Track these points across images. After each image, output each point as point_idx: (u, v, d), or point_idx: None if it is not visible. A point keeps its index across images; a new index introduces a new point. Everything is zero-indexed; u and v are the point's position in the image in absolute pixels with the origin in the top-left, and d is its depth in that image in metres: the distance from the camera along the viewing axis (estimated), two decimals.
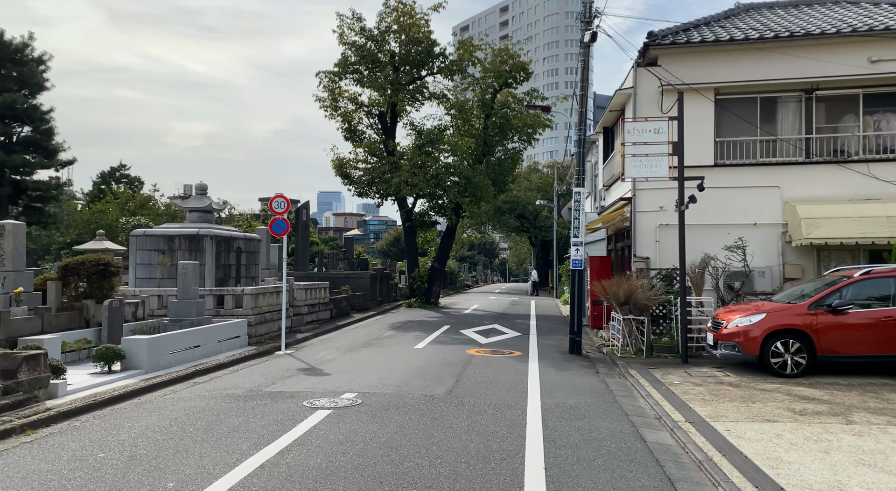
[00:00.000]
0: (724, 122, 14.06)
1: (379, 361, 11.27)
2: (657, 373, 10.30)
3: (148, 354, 9.38)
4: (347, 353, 12.35)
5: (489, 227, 53.02)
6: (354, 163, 23.63)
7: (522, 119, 25.48)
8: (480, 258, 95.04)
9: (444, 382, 9.28)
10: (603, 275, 16.11)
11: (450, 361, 11.34)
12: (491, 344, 13.98)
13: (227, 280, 15.28)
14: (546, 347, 13.57)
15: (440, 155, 23.23)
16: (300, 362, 11.09)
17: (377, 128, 24.74)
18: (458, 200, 24.12)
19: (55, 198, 35.85)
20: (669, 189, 14.07)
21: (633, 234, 14.36)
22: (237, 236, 15.95)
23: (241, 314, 13.18)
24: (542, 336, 15.85)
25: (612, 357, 12.11)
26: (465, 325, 18.23)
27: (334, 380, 9.27)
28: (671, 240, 14.00)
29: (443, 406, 7.63)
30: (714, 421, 7.12)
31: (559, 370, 10.67)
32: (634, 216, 14.36)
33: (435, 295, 26.42)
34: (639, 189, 14.34)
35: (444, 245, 27.02)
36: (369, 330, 16.73)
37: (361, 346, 13.42)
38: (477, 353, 12.45)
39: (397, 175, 21.76)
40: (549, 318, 21.84)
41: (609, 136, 18.29)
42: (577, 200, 12.83)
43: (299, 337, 14.50)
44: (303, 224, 24.67)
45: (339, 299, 19.66)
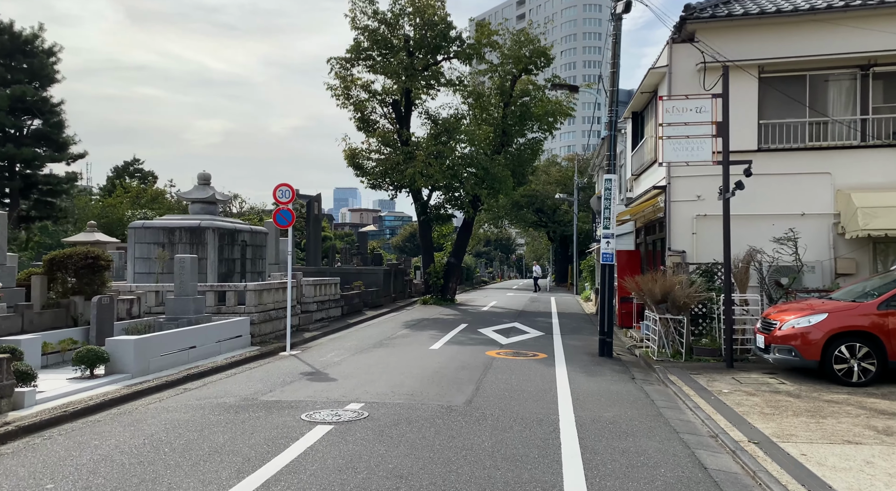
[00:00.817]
0: (768, 102, 12.83)
1: (391, 363, 10.27)
2: (701, 379, 9.18)
3: (135, 356, 8.47)
4: (357, 354, 11.38)
5: (506, 222, 51.80)
6: (367, 153, 22.66)
7: (543, 107, 24.33)
8: (497, 254, 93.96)
9: (463, 389, 8.25)
10: (630, 270, 14.97)
11: (468, 364, 10.31)
12: (512, 345, 12.93)
13: (231, 275, 14.39)
14: (573, 349, 12.49)
15: (457, 145, 22.15)
16: (305, 365, 10.13)
17: (391, 117, 23.74)
18: (475, 192, 23.04)
19: (66, 192, 35.37)
20: (708, 176, 12.91)
21: (668, 226, 13.20)
22: (242, 229, 15.04)
23: (243, 312, 12.27)
24: (567, 336, 14.76)
25: (646, 360, 11.00)
26: (484, 323, 17.19)
27: (340, 386, 8.29)
28: (710, 232, 12.85)
29: (462, 420, 6.60)
30: (783, 441, 6.01)
31: (590, 376, 9.59)
32: (669, 206, 13.19)
33: (451, 292, 25.41)
34: (674, 177, 13.17)
35: (461, 240, 25.97)
36: (382, 328, 15.76)
37: (372, 346, 12.44)
38: (498, 355, 11.41)
39: (412, 166, 20.73)
40: (572, 316, 20.72)
41: (638, 122, 17.10)
42: (607, 188, 11.71)
43: (307, 336, 13.57)
44: (314, 218, 23.77)
45: (351, 296, 18.72)
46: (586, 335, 15.17)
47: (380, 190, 23.12)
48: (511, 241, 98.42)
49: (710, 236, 12.88)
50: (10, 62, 32.07)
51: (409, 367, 9.94)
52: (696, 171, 12.97)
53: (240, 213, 37.50)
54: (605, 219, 11.70)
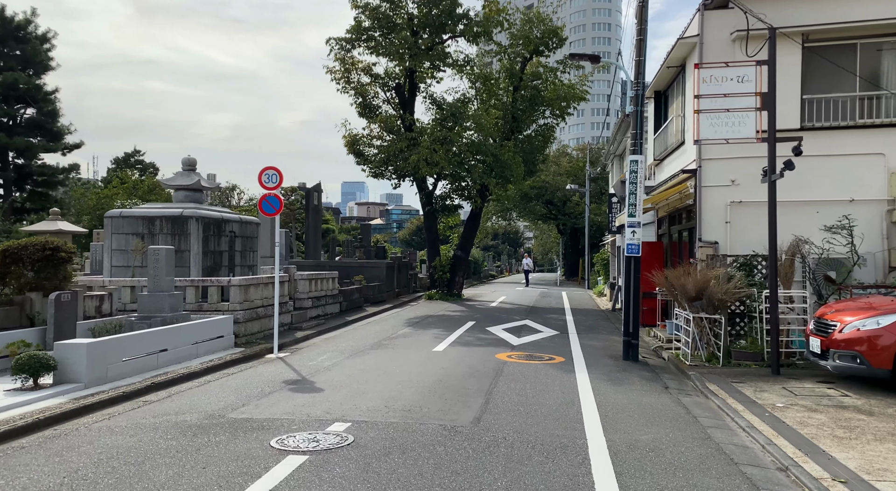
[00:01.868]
0: (813, 75, 11.45)
1: (388, 369, 9.04)
2: (746, 389, 7.90)
3: (89, 362, 7.28)
4: (351, 357, 10.15)
5: (515, 214, 50.40)
6: (368, 139, 21.37)
7: (555, 91, 22.98)
8: (505, 247, 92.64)
9: (470, 403, 7.01)
10: (653, 263, 13.64)
11: (476, 370, 9.07)
12: (525, 346, 11.67)
13: (217, 269, 13.19)
14: (592, 351, 11.22)
15: (464, 131, 20.83)
16: (290, 371, 8.92)
17: (394, 102, 22.45)
18: (483, 182, 21.73)
19: (61, 183, 34.36)
20: (744, 158, 11.58)
21: (698, 214, 11.86)
22: (230, 219, 13.83)
23: (227, 309, 11.07)
24: (584, 335, 13.48)
25: (678, 365, 9.72)
26: (492, 320, 15.94)
27: (325, 400, 7.06)
28: (746, 220, 11.53)
29: (468, 447, 5.36)
30: (877, 479, 4.73)
31: (617, 385, 8.32)
32: (700, 192, 11.86)
33: (458, 286, 24.16)
34: (706, 159, 11.83)
35: (468, 231, 24.70)
36: (382, 327, 14.53)
37: (370, 347, 11.22)
38: (509, 358, 10.16)
39: (416, 152, 19.44)
40: (586, 312, 19.42)
41: (661, 103, 15.73)
42: (633, 171, 10.39)
43: (299, 335, 12.36)
44: (314, 208, 22.56)
45: (351, 291, 17.51)
46: (605, 334, 13.89)
47: (382, 178, 21.88)
48: (519, 234, 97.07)
49: (746, 225, 11.57)
50: (3, 48, 31.00)
51: (409, 373, 8.70)
52: (729, 152, 11.64)
53: (238, 205, 36.35)
54: (632, 205, 10.39)
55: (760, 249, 10.66)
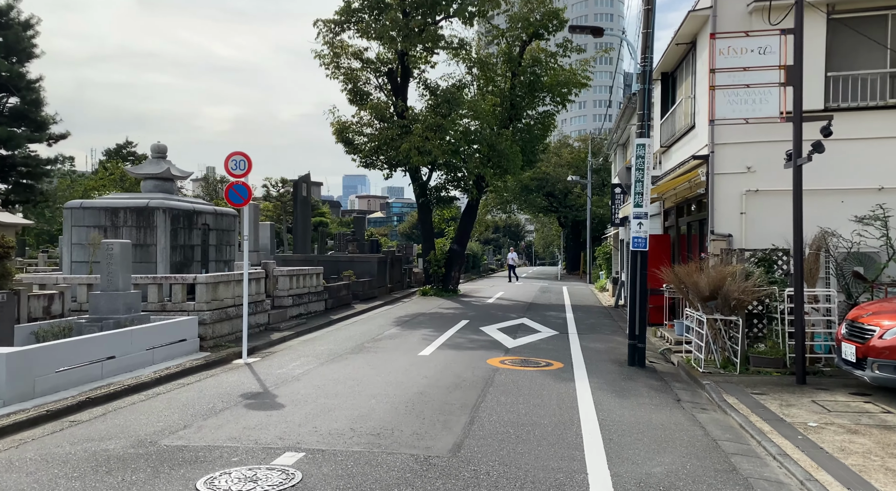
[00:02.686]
0: (838, 49, 10.38)
1: (364, 378, 8.04)
2: (770, 402, 6.89)
3: (9, 375, 6.28)
4: (327, 363, 9.15)
5: (514, 206, 49.33)
6: (358, 127, 20.28)
7: (555, 77, 21.87)
8: (506, 241, 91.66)
9: (451, 423, 6.00)
10: (659, 258, 12.62)
11: (463, 379, 8.06)
12: (520, 349, 10.66)
13: (188, 265, 12.19)
14: (594, 355, 10.21)
15: (459, 118, 19.73)
16: (253, 381, 7.92)
17: (386, 89, 21.35)
18: (479, 172, 20.65)
19: (47, 174, 33.35)
20: (761, 143, 10.54)
21: (710, 205, 10.82)
22: (203, 210, 12.81)
23: (192, 310, 10.07)
24: (585, 335, 12.47)
25: (689, 372, 8.70)
26: (488, 319, 14.93)
27: (283, 420, 6.06)
28: (763, 211, 10.50)
29: (442, 488, 4.35)
30: None
31: (621, 397, 7.31)
32: (712, 180, 10.81)
33: (454, 281, 23.14)
34: (719, 144, 10.77)
35: (465, 224, 23.66)
36: (368, 326, 13.53)
37: (350, 351, 10.22)
38: (502, 364, 9.15)
39: (407, 140, 18.37)
40: (588, 309, 18.41)
41: (669, 85, 14.65)
42: (640, 156, 9.34)
43: (275, 337, 11.37)
44: (302, 200, 21.51)
45: (338, 287, 16.51)
46: (607, 334, 12.88)
47: (374, 168, 20.82)
48: (520, 227, 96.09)
49: (764, 216, 10.54)
50: None
51: (387, 384, 7.70)
52: (745, 135, 10.60)
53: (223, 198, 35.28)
54: (638, 194, 9.34)
55: (780, 242, 9.65)
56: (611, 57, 31.34)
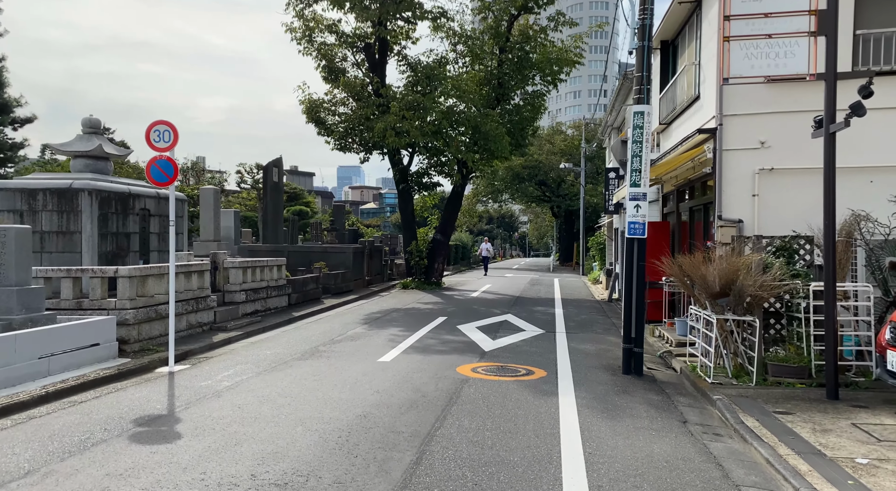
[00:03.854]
0: (869, 5, 8.92)
1: (301, 394, 6.59)
2: (801, 427, 5.49)
3: None
4: (265, 372, 7.69)
5: (506, 195, 47.84)
6: (331, 105, 18.70)
7: (545, 54, 20.31)
8: (499, 232, 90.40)
9: (391, 464, 4.55)
10: (657, 248, 11.19)
11: (423, 394, 6.62)
12: (498, 352, 9.22)
13: (122, 255, 10.69)
14: (583, 359, 8.79)
15: (441, 96, 18.18)
16: (162, 398, 6.46)
17: (364, 67, 19.77)
18: (463, 156, 19.14)
19: (11, 160, 31.63)
20: (777, 114, 9.12)
21: (718, 186, 9.39)
22: (142, 193, 11.29)
23: (114, 307, 8.57)
24: (575, 335, 11.06)
25: (695, 382, 7.29)
26: (468, 315, 13.50)
27: (167, 459, 4.60)
28: (779, 192, 9.09)
29: None
30: None
31: (615, 418, 5.89)
32: (720, 157, 9.37)
33: (437, 273, 21.68)
34: (728, 115, 9.32)
35: (449, 213, 22.17)
36: (332, 325, 12.07)
37: (299, 357, 8.76)
38: (474, 373, 7.71)
39: (382, 120, 16.84)
40: (579, 304, 17.01)
41: (669, 55, 13.17)
42: (638, 126, 7.87)
43: (218, 339, 9.90)
44: (273, 186, 19.96)
45: (304, 281, 15.02)
46: (600, 334, 11.47)
47: (349, 152, 19.27)
48: (514, 218, 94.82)
49: (780, 198, 9.13)
50: None
51: (326, 403, 6.25)
52: (758, 105, 9.19)
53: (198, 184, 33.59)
54: (635, 172, 7.88)
55: (801, 227, 8.25)
56: (604, 46, 29.82)
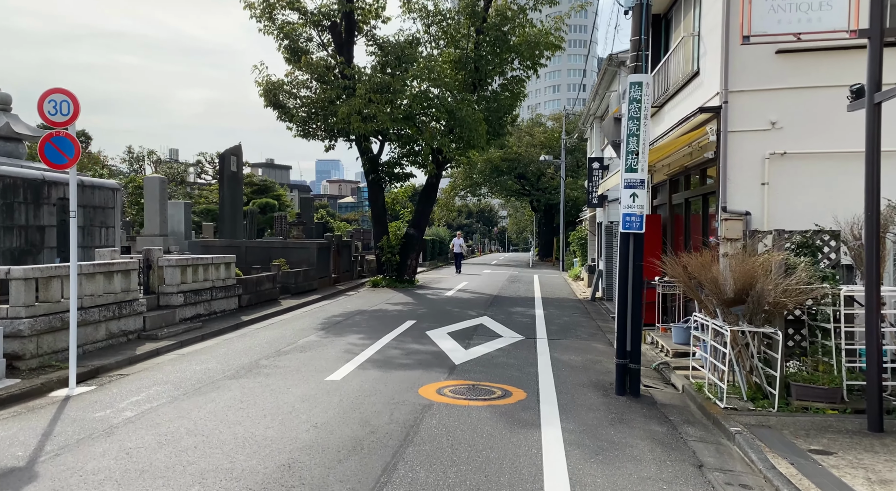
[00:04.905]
0: None
1: (214, 432, 5.20)
2: (849, 474, 4.29)
3: None
4: (183, 397, 6.29)
5: (485, 189, 46.61)
6: (292, 88, 17.18)
7: (524, 36, 19.02)
8: (479, 227, 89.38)
9: None
10: (649, 245, 9.95)
11: (373, 429, 5.28)
12: (471, 365, 7.91)
13: (33, 252, 9.18)
14: (569, 374, 7.52)
15: (411, 78, 16.76)
16: (32, 439, 5.03)
17: (330, 48, 18.25)
18: (438, 144, 17.77)
19: None
20: (790, 90, 7.97)
21: (722, 173, 8.18)
22: (56, 180, 9.75)
23: (4, 316, 7.08)
24: (557, 342, 9.80)
25: (703, 406, 6.06)
26: (440, 318, 12.18)
27: None
28: (794, 180, 7.93)
29: None
30: None
31: (612, 462, 4.62)
32: (724, 140, 8.16)
33: (410, 270, 20.32)
34: (734, 91, 8.11)
35: (423, 205, 20.80)
36: (283, 331, 10.65)
37: (232, 374, 7.35)
38: (439, 395, 6.40)
39: (348, 103, 15.39)
40: (561, 303, 15.79)
41: (660, 31, 11.94)
42: (635, 100, 6.59)
43: (143, 350, 8.43)
44: (230, 176, 18.40)
45: (258, 280, 13.56)
46: (584, 339, 10.23)
47: (313, 139, 17.76)
48: (493, 212, 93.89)
49: (794, 187, 7.96)
50: None
51: (246, 443, 4.88)
52: (769, 79, 8.01)
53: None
54: (631, 154, 6.61)
55: (818, 220, 7.08)
56: (584, 40, 28.55)
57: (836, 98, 7.73)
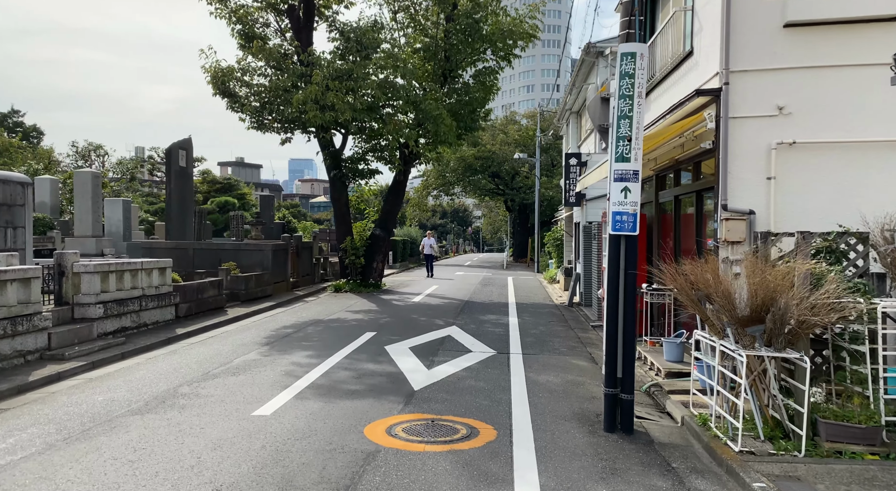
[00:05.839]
0: None
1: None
2: None
3: None
4: (62, 444, 4.94)
5: (458, 188, 45.46)
6: (243, 74, 15.73)
7: (497, 24, 17.87)
8: (453, 227, 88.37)
9: None
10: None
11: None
12: (433, 391, 6.68)
13: None
14: (547, 401, 6.34)
15: (374, 66, 15.45)
16: None
17: (291, 37, 16.84)
18: (405, 139, 16.50)
19: None
20: (800, 70, 6.94)
21: (721, 165, 7.09)
22: None
23: None
24: (533, 357, 8.63)
25: (713, 447, 4.93)
26: (404, 329, 10.94)
27: None
28: (802, 175, 6.90)
29: None
30: None
31: None
32: (724, 127, 7.08)
33: (376, 273, 19.03)
34: (736, 71, 7.04)
35: (390, 204, 19.52)
36: (221, 347, 9.29)
37: (140, 407, 6.00)
38: (389, 436, 5.15)
39: (304, 91, 14.04)
40: (536, 309, 14.66)
41: (647, 10, 10.85)
42: (627, 75, 5.48)
43: (38, 376, 7.01)
44: (178, 172, 16.86)
45: (201, 286, 12.14)
46: (563, 353, 9.08)
47: (268, 131, 16.33)
48: (468, 212, 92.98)
49: (805, 182, 6.92)
50: None
51: None
52: (776, 57, 6.95)
53: None
54: (622, 140, 5.46)
55: (842, 221, 6.04)
56: (559, 40, 27.61)
57: (857, 79, 6.72)
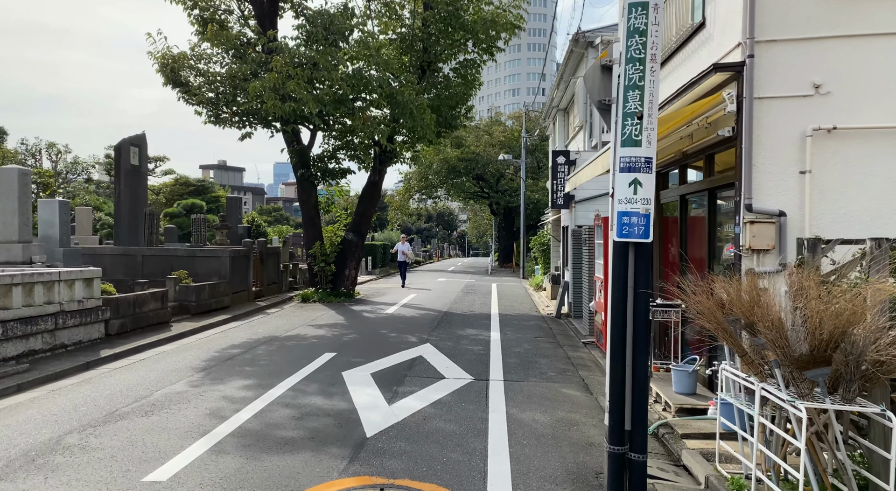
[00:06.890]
0: None
1: None
2: None
3: None
4: None
5: (441, 191, 44.13)
6: (197, 61, 14.24)
7: (479, 13, 16.58)
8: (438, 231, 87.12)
9: None
10: None
11: None
12: (388, 439, 5.29)
13: None
14: (534, 450, 4.98)
15: (344, 56, 14.04)
16: None
17: (255, 27, 15.38)
18: (379, 136, 15.12)
19: None
20: (841, 39, 5.64)
21: (744, 156, 5.79)
22: None
23: None
24: (516, 384, 7.26)
25: None
26: (369, 348, 9.53)
27: None
28: (844, 169, 5.61)
29: None
30: None
31: None
32: (748, 110, 5.78)
33: (349, 282, 17.59)
34: (762, 41, 5.75)
35: (364, 206, 18.10)
36: (147, 373, 7.81)
37: (1, 468, 4.55)
38: None
39: (261, 78, 12.61)
40: (521, 322, 13.31)
41: None
42: (636, 31, 4.08)
43: None
44: (129, 171, 15.32)
45: (140, 299, 10.63)
46: (551, 379, 7.72)
47: (226, 125, 14.83)
48: (453, 216, 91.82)
49: (848, 177, 5.65)
50: None
51: None
52: (809, 25, 5.68)
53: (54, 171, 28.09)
54: (630, 117, 4.11)
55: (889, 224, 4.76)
56: (543, 44, 26.51)
57: None
